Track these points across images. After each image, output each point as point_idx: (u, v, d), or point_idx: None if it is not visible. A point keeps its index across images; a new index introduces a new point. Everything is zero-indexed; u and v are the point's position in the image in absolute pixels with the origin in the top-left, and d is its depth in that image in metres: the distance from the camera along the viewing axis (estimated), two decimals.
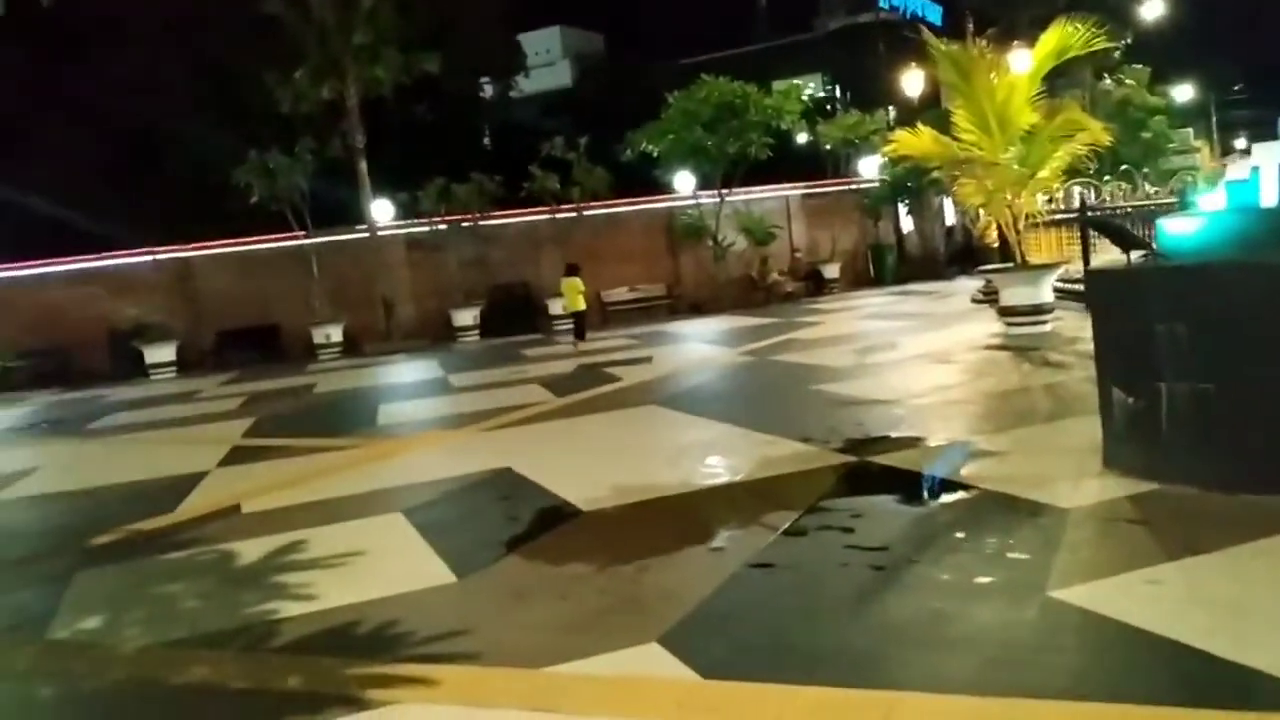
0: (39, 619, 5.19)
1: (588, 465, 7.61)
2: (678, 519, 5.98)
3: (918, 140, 13.31)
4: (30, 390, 21.05)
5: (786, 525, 5.45)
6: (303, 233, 22.27)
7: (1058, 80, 17.04)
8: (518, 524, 6.11)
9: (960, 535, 5.05)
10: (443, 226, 22.84)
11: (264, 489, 7.91)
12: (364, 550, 5.84)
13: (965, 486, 5.90)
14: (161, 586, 5.57)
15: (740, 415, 8.94)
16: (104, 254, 23.03)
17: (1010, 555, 4.64)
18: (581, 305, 18.14)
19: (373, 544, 5.97)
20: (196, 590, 5.42)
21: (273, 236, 23.02)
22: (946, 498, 5.90)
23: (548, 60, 68.74)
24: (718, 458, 7.43)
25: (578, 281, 18.11)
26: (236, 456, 9.69)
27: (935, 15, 46.89)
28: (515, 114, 40.53)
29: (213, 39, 27.53)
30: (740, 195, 24.32)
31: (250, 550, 6.08)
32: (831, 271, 25.52)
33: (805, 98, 23.52)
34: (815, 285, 25.21)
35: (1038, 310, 12.41)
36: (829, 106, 42.76)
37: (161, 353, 21.45)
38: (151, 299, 22.41)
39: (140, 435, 12.28)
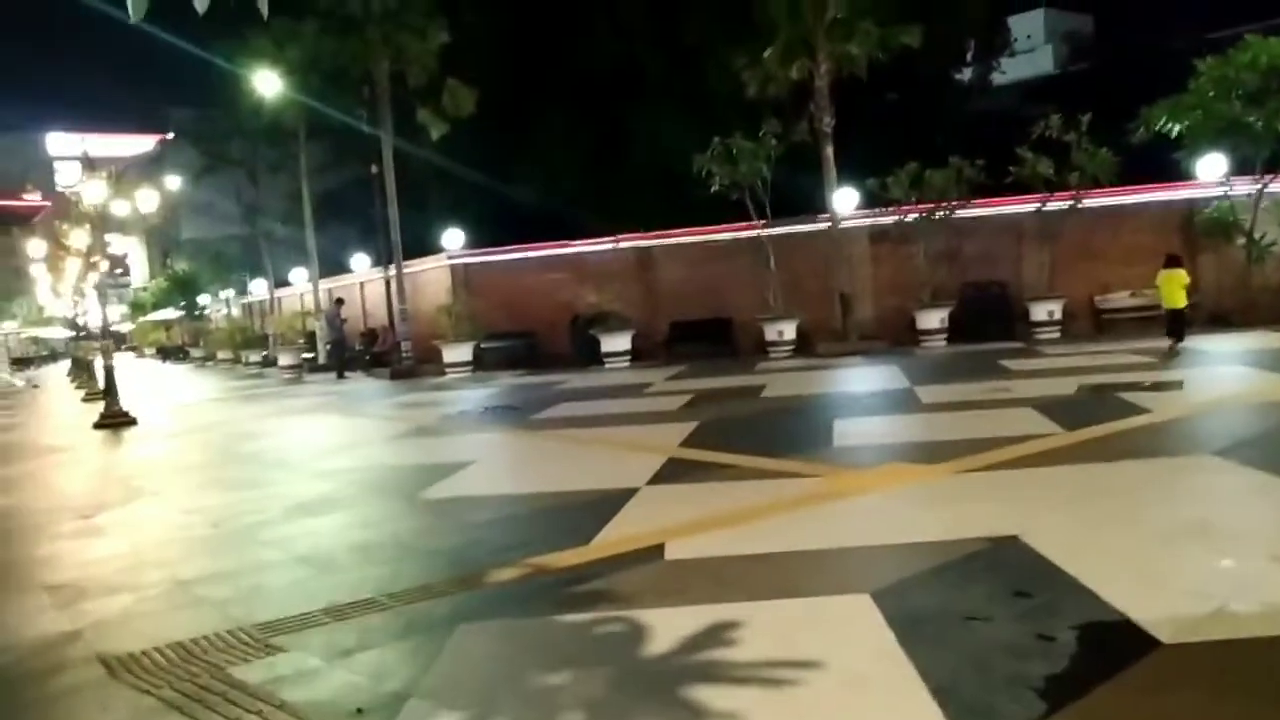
0: (391, 701, 3.90)
1: (1141, 551, 5.18)
2: None
3: None
4: (497, 371, 21.90)
5: None
6: (761, 222, 21.10)
7: None
8: (1052, 651, 3.91)
9: None
10: (911, 217, 20.59)
11: (696, 524, 6.37)
12: (819, 661, 3.98)
13: None
14: (544, 675, 4.09)
15: None
16: (570, 241, 23.49)
17: None
18: (1182, 302, 15.57)
19: (831, 650, 4.09)
20: (587, 693, 3.86)
21: (730, 226, 22.14)
22: None
23: (1028, 46, 63.57)
24: None
25: (1182, 274, 15.60)
26: (671, 472, 8.31)
27: None
28: (994, 100, 37.09)
29: (688, 26, 27.40)
30: None
31: (665, 627, 4.47)
32: None
33: None
34: None
35: None
36: None
37: (617, 341, 21.35)
38: (611, 287, 22.48)
39: (580, 432, 11.44)
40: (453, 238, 24.61)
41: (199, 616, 5.27)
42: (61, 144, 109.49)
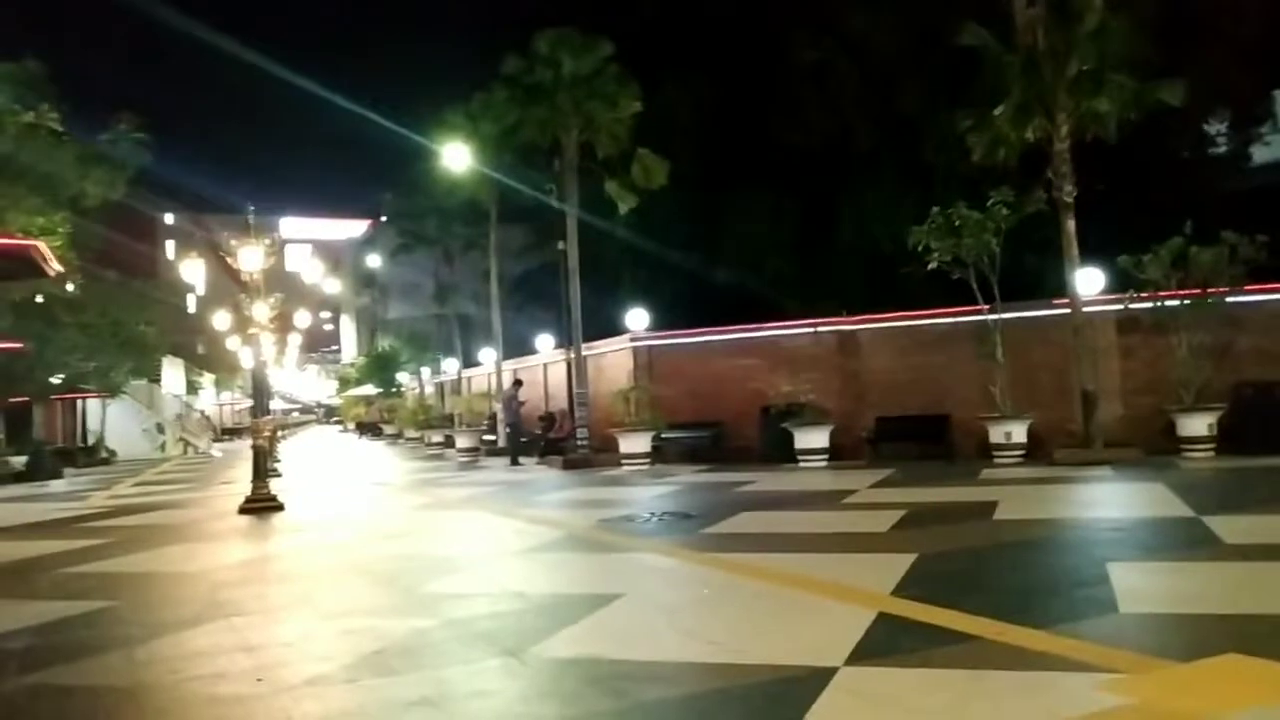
0: None
1: None
2: None
3: None
4: (678, 465, 19.80)
5: None
6: (987, 306, 18.23)
7: None
8: None
9: None
10: (1171, 302, 17.29)
11: None
12: None
13: None
14: None
15: None
16: (764, 324, 21.28)
17: None
18: None
19: None
20: None
21: (950, 310, 19.39)
22: None
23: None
24: None
25: None
26: (883, 639, 5.77)
27: None
28: (1252, 178, 32.80)
29: (903, 95, 25.13)
30: None
31: None
32: None
33: None
34: None
35: None
36: None
37: (813, 437, 18.85)
38: (809, 375, 19.96)
39: (761, 559, 8.95)
40: (637, 318, 22.86)
41: None
42: (292, 227, 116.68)
